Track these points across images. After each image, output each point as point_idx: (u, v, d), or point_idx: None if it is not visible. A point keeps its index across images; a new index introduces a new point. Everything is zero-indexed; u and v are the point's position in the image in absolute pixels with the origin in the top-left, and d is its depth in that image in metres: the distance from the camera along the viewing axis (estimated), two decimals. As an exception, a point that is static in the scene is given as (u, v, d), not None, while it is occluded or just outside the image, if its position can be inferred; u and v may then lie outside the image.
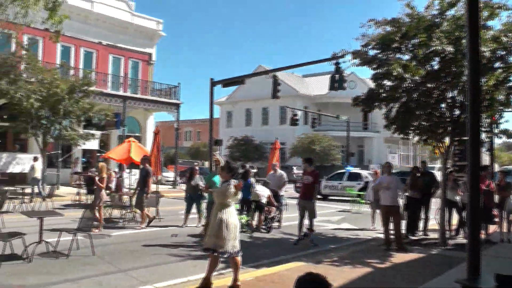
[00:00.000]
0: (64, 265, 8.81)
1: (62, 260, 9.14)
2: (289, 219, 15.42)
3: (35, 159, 21.99)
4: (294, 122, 39.31)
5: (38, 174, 21.40)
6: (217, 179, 11.19)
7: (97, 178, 13.16)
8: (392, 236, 11.30)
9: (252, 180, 14.72)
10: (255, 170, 19.29)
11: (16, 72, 20.59)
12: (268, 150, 51.89)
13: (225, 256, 7.11)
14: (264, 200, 13.75)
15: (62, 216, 10.69)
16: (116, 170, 21.98)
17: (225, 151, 50.25)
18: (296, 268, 8.64)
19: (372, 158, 52.94)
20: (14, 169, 23.08)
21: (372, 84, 12.86)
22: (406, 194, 13.35)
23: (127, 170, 26.12)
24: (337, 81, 23.17)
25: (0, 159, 23.20)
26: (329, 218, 17.67)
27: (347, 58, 12.77)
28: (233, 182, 7.26)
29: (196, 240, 11.85)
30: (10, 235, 9.11)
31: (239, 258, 7.26)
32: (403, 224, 12.28)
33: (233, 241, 7.09)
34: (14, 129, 21.89)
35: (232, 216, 7.15)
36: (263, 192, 13.92)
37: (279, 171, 15.90)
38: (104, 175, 13.39)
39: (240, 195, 7.39)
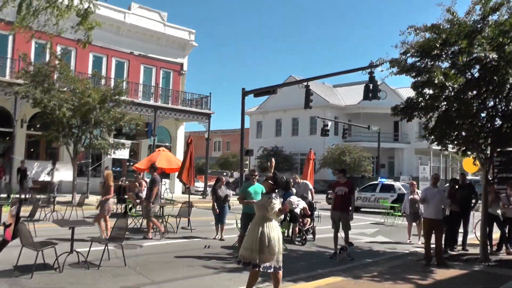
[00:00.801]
0: (95, 276, 8.64)
1: (93, 270, 8.96)
2: (323, 231, 15.07)
3: (53, 163, 22.33)
4: (325, 132, 38.92)
5: (55, 180, 21.72)
6: (253, 189, 10.94)
7: (101, 186, 12.79)
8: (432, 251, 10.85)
9: (294, 191, 14.49)
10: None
11: (50, 81, 20.76)
12: (298, 160, 51.70)
13: (270, 271, 6.83)
14: (298, 210, 13.38)
15: (94, 225, 10.52)
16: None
17: (254, 161, 50.03)
18: (335, 283, 8.29)
19: (402, 169, 52.02)
20: (46, 177, 23.21)
21: (403, 94, 12.54)
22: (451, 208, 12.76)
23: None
24: (371, 91, 22.78)
25: (32, 168, 23.41)
26: (363, 230, 17.22)
27: (384, 67, 12.33)
28: (275, 195, 7.02)
29: (230, 252, 11.58)
30: (42, 244, 8.98)
31: (281, 273, 7.00)
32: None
33: (277, 255, 6.83)
34: (47, 137, 22.05)
35: (274, 229, 6.86)
36: (297, 201, 13.58)
37: (302, 181, 15.97)
38: (111, 183, 12.86)
39: (282, 217, 7.10)
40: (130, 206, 17.40)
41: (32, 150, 27.27)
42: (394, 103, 12.59)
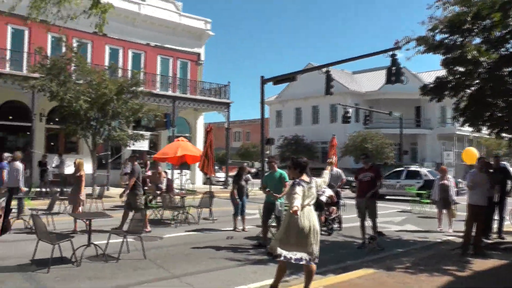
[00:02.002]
0: (114, 269, 8.24)
1: (112, 264, 8.58)
2: (348, 220, 14.52)
3: (60, 155, 22.37)
4: (346, 119, 38.17)
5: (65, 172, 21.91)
6: (271, 177, 10.93)
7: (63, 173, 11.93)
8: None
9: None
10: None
11: (66, 73, 20.43)
12: (319, 149, 51.03)
13: (301, 263, 6.31)
14: (324, 198, 12.82)
15: (111, 217, 10.09)
16: (166, 170, 21.67)
17: (275, 150, 49.46)
18: (368, 275, 7.75)
19: (425, 156, 50.99)
20: (65, 170, 23.01)
21: (424, 79, 11.88)
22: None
23: (178, 170, 25.87)
24: (394, 74, 22.11)
25: (52, 161, 23.22)
26: (390, 219, 16.61)
27: (410, 46, 11.66)
28: (298, 181, 6.39)
29: (254, 243, 11.07)
30: (59, 238, 8.63)
31: (314, 266, 6.46)
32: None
33: (308, 246, 6.27)
34: (65, 131, 21.84)
35: (305, 219, 6.26)
36: (323, 188, 13.02)
37: (335, 169, 14.89)
38: (82, 173, 12.12)
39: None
40: (150, 197, 17.05)
41: (52, 144, 27.18)
42: (415, 88, 12.03)
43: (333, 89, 26.10)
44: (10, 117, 25.58)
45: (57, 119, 23.66)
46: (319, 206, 12.70)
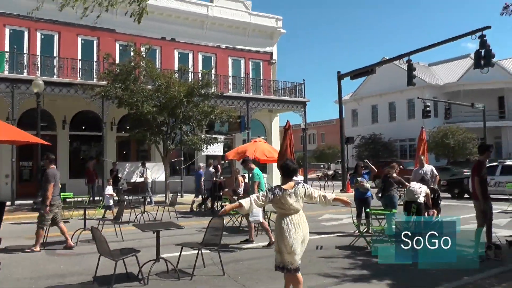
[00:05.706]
0: (187, 288, 6.96)
1: (185, 281, 7.33)
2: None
3: (143, 164, 21.83)
4: (426, 114, 35.79)
5: (149, 180, 21.69)
6: None
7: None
8: None
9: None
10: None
11: (130, 78, 19.66)
12: (397, 147, 48.67)
13: (285, 272, 5.60)
14: (421, 199, 11.08)
15: (182, 228, 8.77)
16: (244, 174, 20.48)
17: (352, 150, 47.34)
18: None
19: (511, 150, 47.10)
20: (138, 178, 22.40)
21: (508, 66, 9.85)
22: None
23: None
24: (483, 57, 19.98)
25: (124, 169, 22.64)
26: (494, 221, 14.33)
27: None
28: (270, 188, 5.89)
29: (348, 254, 9.48)
30: (123, 253, 7.47)
31: (300, 276, 5.63)
32: None
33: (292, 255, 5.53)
34: (134, 137, 21.18)
35: (288, 225, 5.60)
36: (419, 188, 11.29)
37: (427, 166, 13.28)
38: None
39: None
40: (226, 204, 15.89)
41: (124, 152, 26.85)
42: (498, 77, 10.02)
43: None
44: (83, 127, 25.35)
45: (127, 127, 23.11)
46: (418, 210, 10.99)
